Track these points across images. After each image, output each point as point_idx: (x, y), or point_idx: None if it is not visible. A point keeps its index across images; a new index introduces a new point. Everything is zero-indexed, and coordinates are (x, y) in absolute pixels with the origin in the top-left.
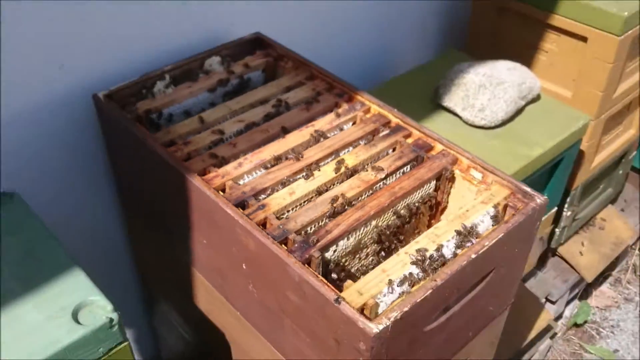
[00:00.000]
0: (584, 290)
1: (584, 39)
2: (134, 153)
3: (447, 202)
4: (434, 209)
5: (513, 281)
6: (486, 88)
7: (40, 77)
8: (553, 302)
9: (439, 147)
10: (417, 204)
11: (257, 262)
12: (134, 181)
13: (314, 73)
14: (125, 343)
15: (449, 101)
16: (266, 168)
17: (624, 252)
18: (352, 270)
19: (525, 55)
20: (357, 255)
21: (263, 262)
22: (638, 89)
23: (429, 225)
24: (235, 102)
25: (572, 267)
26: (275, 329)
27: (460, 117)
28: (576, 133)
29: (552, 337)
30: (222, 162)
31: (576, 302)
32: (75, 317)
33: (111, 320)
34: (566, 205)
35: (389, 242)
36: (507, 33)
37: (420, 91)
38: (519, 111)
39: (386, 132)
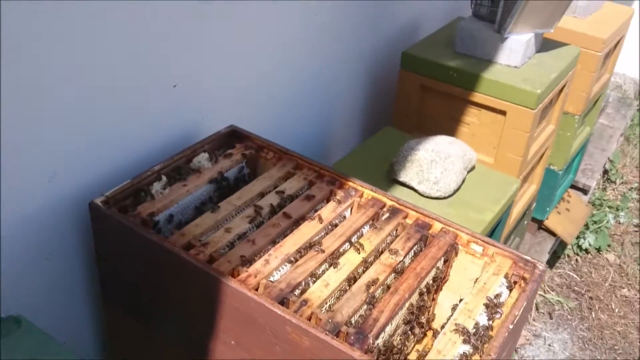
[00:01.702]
0: None
1: (503, 112)
2: (143, 258)
3: (449, 275)
4: (439, 282)
5: (517, 338)
6: (437, 163)
7: (28, 189)
8: None
9: (437, 225)
10: (431, 281)
11: (309, 358)
12: (134, 287)
13: (299, 163)
14: None
15: (405, 176)
16: (291, 262)
17: None
18: (391, 351)
19: (448, 127)
20: (392, 337)
21: (319, 358)
22: (542, 151)
23: (434, 299)
24: (236, 197)
25: None
26: None
27: (416, 190)
28: (512, 196)
29: None
30: (248, 260)
31: None
32: None
33: None
34: None
35: (415, 320)
36: (430, 108)
37: (372, 167)
38: (463, 180)
39: (386, 215)
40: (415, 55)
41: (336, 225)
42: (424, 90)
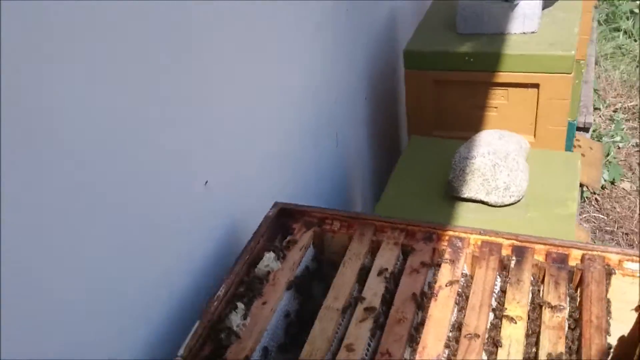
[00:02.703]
0: None
1: (535, 85)
2: None
3: None
4: None
5: None
6: (500, 166)
7: None
8: None
9: (575, 253)
10: None
11: None
12: None
13: (378, 225)
14: None
15: (469, 191)
16: None
17: None
18: None
19: (473, 117)
20: None
21: None
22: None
23: None
24: (333, 298)
25: None
26: None
27: (486, 203)
28: (579, 172)
29: None
30: None
31: None
32: None
33: None
34: None
35: None
36: (448, 102)
37: (425, 191)
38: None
39: (514, 261)
40: (418, 51)
41: (467, 295)
42: (437, 85)
